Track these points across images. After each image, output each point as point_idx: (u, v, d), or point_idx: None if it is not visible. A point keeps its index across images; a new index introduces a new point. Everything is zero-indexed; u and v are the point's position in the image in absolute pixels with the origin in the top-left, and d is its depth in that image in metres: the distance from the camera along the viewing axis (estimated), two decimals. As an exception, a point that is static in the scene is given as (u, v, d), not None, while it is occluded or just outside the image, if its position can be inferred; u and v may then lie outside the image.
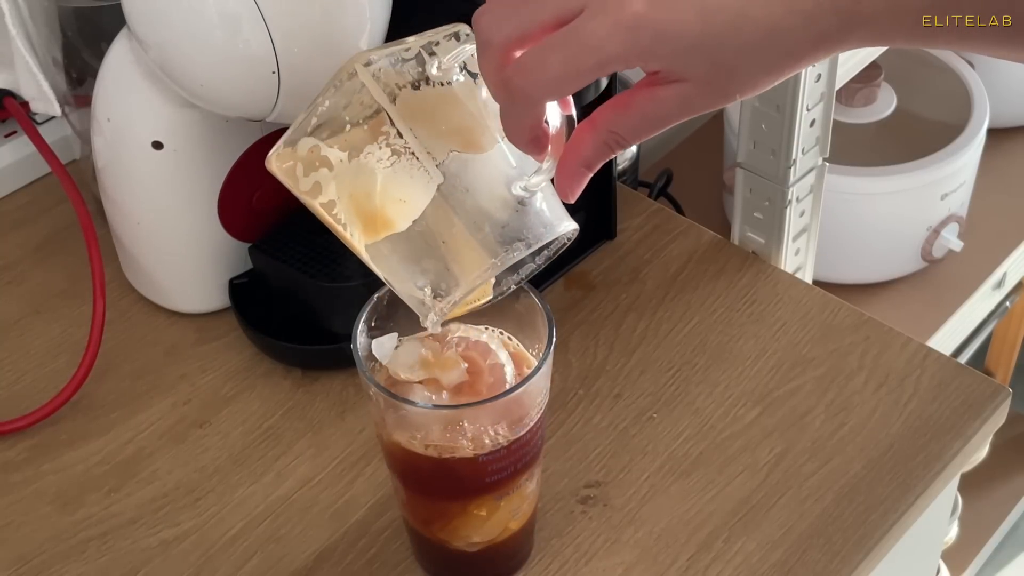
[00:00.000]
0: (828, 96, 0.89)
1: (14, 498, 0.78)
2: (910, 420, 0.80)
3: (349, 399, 0.83)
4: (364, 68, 0.56)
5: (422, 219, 0.57)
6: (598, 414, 0.81)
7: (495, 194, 0.56)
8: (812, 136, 0.90)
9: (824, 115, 0.90)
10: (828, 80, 0.88)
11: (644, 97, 0.52)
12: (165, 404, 0.83)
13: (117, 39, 0.81)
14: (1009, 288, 1.34)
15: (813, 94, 0.88)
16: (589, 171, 0.55)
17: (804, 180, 0.93)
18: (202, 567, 0.74)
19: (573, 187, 0.55)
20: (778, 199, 0.92)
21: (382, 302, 0.67)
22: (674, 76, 0.50)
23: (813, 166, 0.93)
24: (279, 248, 0.84)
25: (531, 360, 0.67)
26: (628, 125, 0.53)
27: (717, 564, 0.73)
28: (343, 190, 0.57)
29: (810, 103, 0.88)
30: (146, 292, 0.89)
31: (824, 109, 0.90)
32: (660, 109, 0.52)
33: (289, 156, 0.57)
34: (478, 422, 0.63)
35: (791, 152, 0.89)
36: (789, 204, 0.92)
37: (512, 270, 0.61)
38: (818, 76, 0.87)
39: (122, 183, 0.84)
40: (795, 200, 0.93)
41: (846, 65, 0.92)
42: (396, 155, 0.56)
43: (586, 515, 0.76)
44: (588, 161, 0.54)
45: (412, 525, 0.70)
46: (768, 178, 0.92)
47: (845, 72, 0.92)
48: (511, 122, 0.54)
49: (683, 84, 0.51)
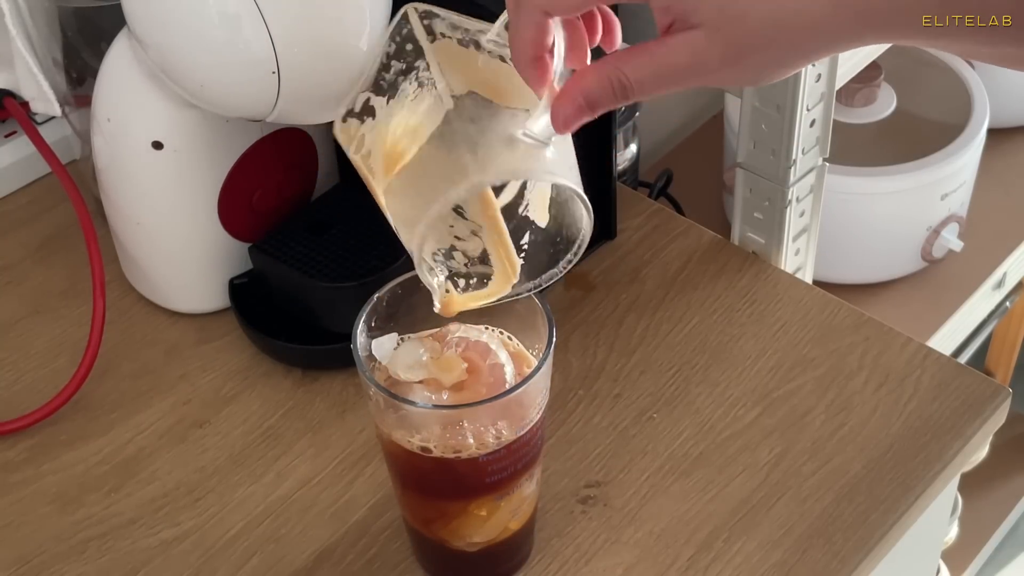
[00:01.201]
0: (828, 96, 0.89)
1: (14, 498, 0.78)
2: (910, 420, 0.80)
3: (349, 399, 0.83)
4: (414, 11, 0.57)
5: (425, 146, 0.56)
6: (598, 414, 0.81)
7: (501, 132, 0.56)
8: (812, 136, 0.90)
9: (824, 115, 0.90)
10: (828, 80, 0.88)
11: (655, 43, 0.51)
12: (165, 404, 0.83)
13: (117, 39, 0.81)
14: (1009, 288, 1.34)
15: (813, 94, 0.88)
16: (588, 108, 0.53)
17: (804, 180, 0.93)
18: (202, 567, 0.74)
19: (568, 115, 0.53)
20: (778, 199, 0.92)
21: (382, 302, 0.67)
22: (685, 23, 0.50)
23: (813, 166, 0.93)
24: (279, 248, 0.84)
25: (531, 360, 0.67)
26: (636, 67, 0.52)
27: (717, 564, 0.73)
28: (377, 136, 0.58)
29: (810, 103, 0.88)
30: (146, 292, 0.89)
31: (824, 109, 0.90)
32: (670, 56, 0.51)
33: (347, 117, 0.58)
34: (478, 422, 0.63)
35: (791, 152, 0.89)
36: (789, 204, 0.92)
37: (530, 273, 0.61)
38: (818, 76, 0.87)
39: (122, 183, 0.84)
40: (795, 200, 0.93)
41: (846, 65, 0.92)
42: (420, 87, 0.57)
43: (586, 515, 0.76)
44: (588, 93, 0.53)
45: (412, 525, 0.70)
46: (768, 178, 0.92)
47: (845, 72, 0.92)
48: (515, 34, 0.53)
49: (694, 31, 0.50)
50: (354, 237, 0.84)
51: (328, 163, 0.91)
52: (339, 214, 0.86)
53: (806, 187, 0.93)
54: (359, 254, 0.83)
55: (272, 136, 0.84)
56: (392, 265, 0.81)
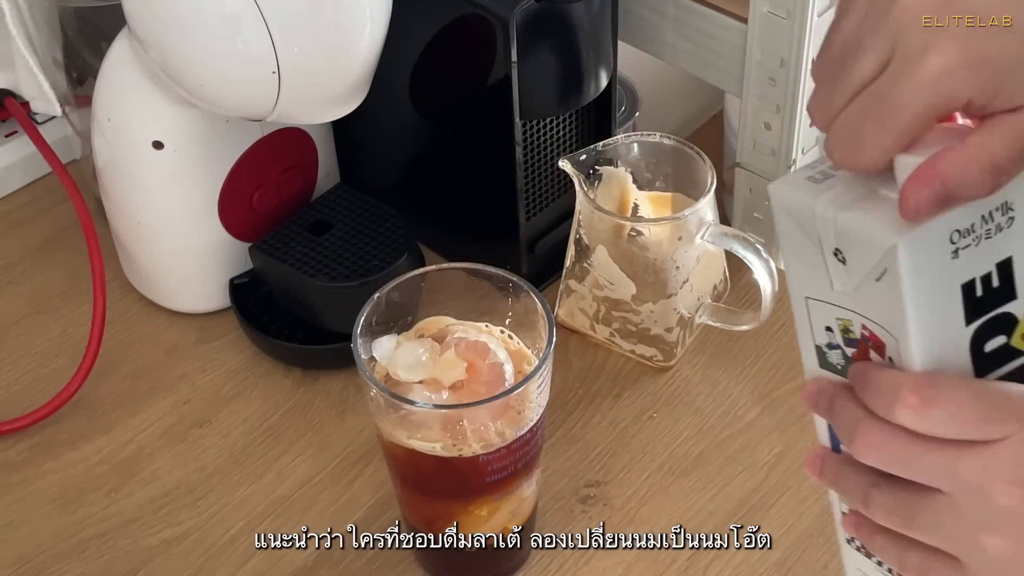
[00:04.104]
0: (828, 96, 0.89)
1: (14, 498, 0.78)
2: (910, 420, 0.80)
3: (349, 399, 0.83)
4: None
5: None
6: (598, 414, 0.81)
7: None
8: (812, 136, 0.90)
9: (824, 115, 0.90)
10: (828, 80, 0.88)
11: (1004, 127, 0.45)
12: (165, 404, 0.83)
13: (117, 39, 0.81)
14: (1009, 288, 1.34)
15: (813, 94, 0.87)
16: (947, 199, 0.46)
17: (804, 180, 0.92)
18: (202, 567, 0.74)
19: (919, 200, 0.45)
20: (778, 199, 0.92)
21: (382, 302, 0.67)
22: (1015, 103, 0.45)
23: (813, 166, 0.93)
24: (279, 248, 0.84)
25: (531, 358, 0.68)
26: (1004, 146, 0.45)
27: (717, 564, 0.73)
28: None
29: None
30: (146, 292, 0.89)
31: (824, 109, 0.89)
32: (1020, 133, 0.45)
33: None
34: (478, 421, 0.63)
35: (791, 152, 0.89)
36: (789, 204, 0.92)
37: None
38: (818, 76, 0.87)
39: (122, 183, 0.84)
40: (795, 200, 0.92)
41: (846, 65, 0.92)
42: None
43: (586, 515, 0.76)
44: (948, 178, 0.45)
45: (412, 525, 0.70)
46: (768, 178, 0.92)
47: (845, 72, 0.92)
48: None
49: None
50: (354, 237, 0.84)
51: (328, 163, 0.91)
52: (339, 214, 0.86)
53: (806, 187, 0.93)
54: (359, 254, 0.83)
55: (272, 136, 0.84)
56: (392, 265, 0.81)
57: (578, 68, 0.82)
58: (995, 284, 0.48)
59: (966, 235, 0.47)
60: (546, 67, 0.80)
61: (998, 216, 0.47)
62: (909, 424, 0.46)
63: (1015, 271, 0.49)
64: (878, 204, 0.47)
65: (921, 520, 0.47)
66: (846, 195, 0.48)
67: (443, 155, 0.89)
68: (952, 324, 0.48)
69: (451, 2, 0.78)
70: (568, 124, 0.87)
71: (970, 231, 0.47)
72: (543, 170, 0.87)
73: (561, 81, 0.82)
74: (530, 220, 0.87)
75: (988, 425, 0.46)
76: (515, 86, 0.78)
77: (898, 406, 0.46)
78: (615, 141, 0.82)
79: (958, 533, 0.47)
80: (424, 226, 0.89)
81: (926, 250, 0.46)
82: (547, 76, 0.81)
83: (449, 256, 0.90)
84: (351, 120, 0.80)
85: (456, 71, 0.83)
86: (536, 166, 0.86)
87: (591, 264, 0.82)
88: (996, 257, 0.48)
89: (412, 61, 0.83)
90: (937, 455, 0.46)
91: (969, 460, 0.46)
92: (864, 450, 0.48)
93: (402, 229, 0.84)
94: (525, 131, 0.83)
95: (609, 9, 0.81)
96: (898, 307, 0.47)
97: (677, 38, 0.88)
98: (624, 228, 0.80)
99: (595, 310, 0.84)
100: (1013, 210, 0.47)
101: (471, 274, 0.69)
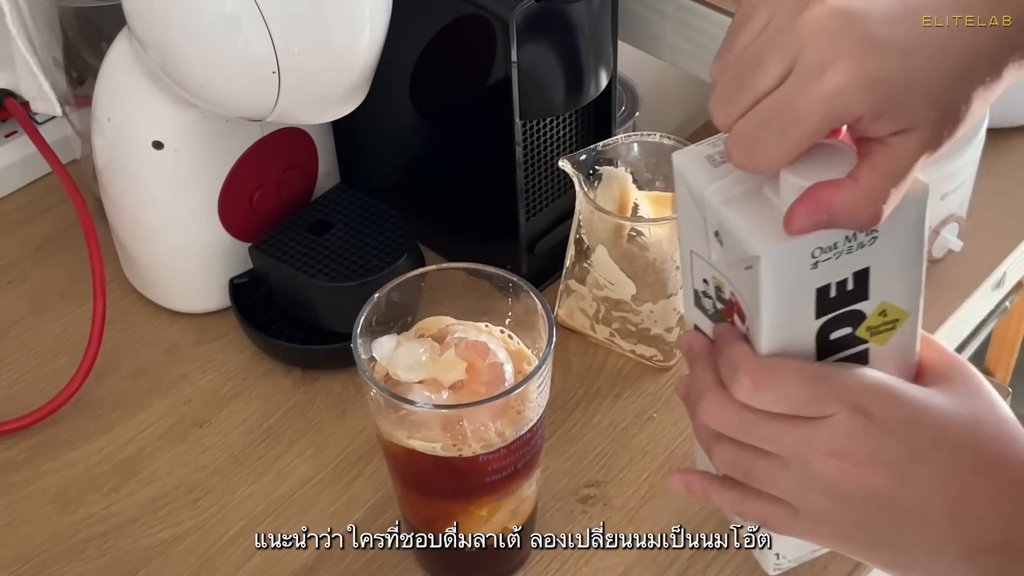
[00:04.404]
0: (828, 96, 0.89)
1: (14, 498, 0.78)
2: (910, 420, 0.80)
3: (349, 399, 0.83)
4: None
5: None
6: (598, 414, 0.81)
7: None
8: (812, 136, 0.90)
9: (824, 115, 0.90)
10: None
11: (881, 150, 0.49)
12: (165, 404, 0.83)
13: (117, 39, 0.81)
14: (1009, 288, 1.34)
15: (813, 94, 0.87)
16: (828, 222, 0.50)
17: (804, 180, 0.92)
18: (202, 567, 0.74)
19: (805, 224, 0.50)
20: (778, 199, 0.92)
21: (382, 302, 0.67)
22: (901, 125, 0.49)
23: (813, 166, 0.93)
24: (279, 248, 0.84)
25: (531, 357, 0.68)
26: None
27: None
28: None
29: (810, 103, 0.88)
30: (146, 292, 0.89)
31: (824, 109, 0.89)
32: (903, 162, 0.49)
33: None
34: (478, 421, 0.63)
35: (791, 152, 0.89)
36: (789, 204, 0.92)
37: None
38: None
39: (122, 183, 0.84)
40: (795, 200, 0.92)
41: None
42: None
43: (586, 515, 0.76)
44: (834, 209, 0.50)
45: (412, 525, 0.70)
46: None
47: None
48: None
49: (912, 132, 0.49)
50: (354, 237, 0.84)
51: (328, 163, 0.91)
52: (339, 214, 0.86)
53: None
54: (359, 254, 0.83)
55: (272, 136, 0.84)
56: (392, 265, 0.81)
57: (578, 68, 0.82)
58: (849, 288, 0.54)
59: (827, 251, 0.52)
60: (546, 67, 0.80)
61: (862, 236, 0.52)
62: (745, 400, 0.54)
63: (871, 278, 0.54)
64: (758, 205, 0.52)
65: (757, 474, 0.55)
66: (734, 187, 0.53)
67: (443, 155, 0.89)
68: (802, 317, 0.54)
69: (451, 2, 0.78)
70: (568, 124, 0.87)
71: (832, 248, 0.52)
72: (543, 170, 0.87)
73: (561, 81, 0.82)
74: (530, 220, 0.87)
75: (812, 406, 0.52)
76: (515, 86, 0.78)
77: (736, 385, 0.54)
78: (615, 141, 0.82)
79: (789, 487, 0.54)
80: (424, 226, 0.89)
81: (786, 261, 0.52)
82: (547, 76, 0.81)
83: (449, 256, 0.90)
84: (351, 120, 0.80)
85: (456, 71, 0.83)
86: (536, 166, 0.86)
87: (591, 264, 0.82)
88: (854, 267, 0.53)
89: (412, 61, 0.83)
90: (767, 427, 0.53)
91: (794, 433, 0.53)
92: (705, 416, 0.55)
93: (402, 229, 0.84)
94: (525, 131, 0.83)
95: (609, 9, 0.81)
96: (756, 298, 0.53)
97: (677, 38, 0.88)
98: (624, 228, 0.80)
99: (595, 310, 0.84)
100: (877, 232, 0.52)
101: (471, 274, 0.69)
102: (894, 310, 0.56)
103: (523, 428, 0.64)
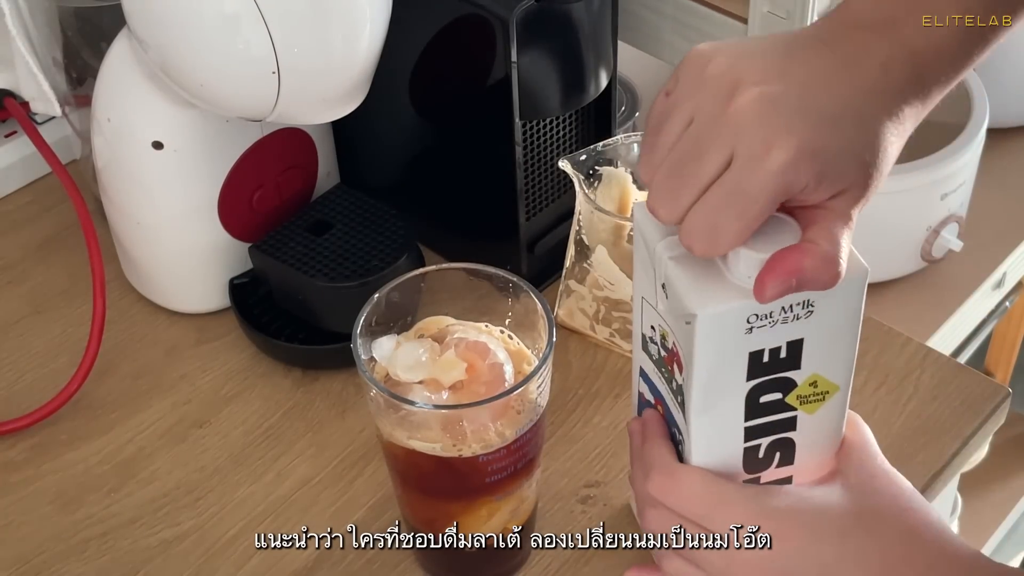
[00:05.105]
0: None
1: (14, 498, 0.78)
2: (910, 420, 0.80)
3: (349, 399, 0.83)
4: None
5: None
6: (598, 414, 0.81)
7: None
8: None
9: (824, 115, 0.90)
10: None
11: (828, 220, 0.53)
12: (165, 404, 0.83)
13: (117, 39, 0.81)
14: (1009, 288, 1.34)
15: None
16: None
17: (804, 180, 0.92)
18: (202, 567, 0.74)
19: (775, 291, 0.53)
20: (778, 199, 0.92)
21: (382, 302, 0.67)
22: (839, 188, 0.53)
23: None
24: (279, 248, 0.84)
25: (531, 358, 0.67)
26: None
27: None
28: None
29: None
30: (146, 292, 0.89)
31: (824, 109, 0.89)
32: (846, 220, 0.54)
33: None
34: (478, 422, 0.63)
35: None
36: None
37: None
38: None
39: (122, 183, 0.84)
40: (795, 200, 0.92)
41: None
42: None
43: (586, 515, 0.76)
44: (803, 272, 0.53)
45: (412, 525, 0.70)
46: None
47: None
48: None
49: (848, 192, 0.53)
50: (354, 237, 0.84)
51: (328, 163, 0.91)
52: (339, 214, 0.86)
53: (806, 187, 0.93)
54: (359, 254, 0.83)
55: (272, 136, 0.84)
56: (392, 265, 0.81)
57: (578, 68, 0.82)
58: (782, 356, 0.57)
59: (763, 319, 0.55)
60: (546, 67, 0.80)
61: (798, 308, 0.55)
62: (657, 498, 0.60)
63: (804, 349, 0.57)
64: (703, 266, 0.55)
65: (679, 547, 0.60)
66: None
67: (443, 155, 0.89)
68: (734, 377, 0.57)
69: (451, 2, 0.78)
70: (568, 124, 0.87)
71: (767, 316, 0.55)
72: (543, 170, 0.87)
73: (561, 81, 0.82)
74: (530, 220, 0.87)
75: (707, 521, 0.58)
76: (515, 86, 0.78)
77: (648, 484, 0.60)
78: (615, 141, 0.82)
79: (707, 563, 0.59)
80: (424, 226, 0.89)
81: (722, 324, 0.55)
82: (547, 76, 0.81)
83: (449, 256, 0.90)
84: (351, 120, 0.80)
85: (456, 71, 0.83)
86: (536, 166, 0.86)
87: (591, 264, 0.82)
88: (789, 337, 0.56)
89: (412, 61, 0.83)
90: (674, 521, 0.60)
91: (696, 529, 0.59)
92: (636, 504, 0.63)
93: (402, 229, 0.84)
94: (525, 131, 0.83)
95: (609, 9, 0.81)
96: (691, 353, 0.55)
97: (677, 38, 0.88)
98: (624, 228, 0.80)
99: (595, 310, 0.84)
100: (814, 306, 0.55)
101: (471, 274, 0.69)
102: (824, 383, 0.59)
103: (523, 428, 0.64)
